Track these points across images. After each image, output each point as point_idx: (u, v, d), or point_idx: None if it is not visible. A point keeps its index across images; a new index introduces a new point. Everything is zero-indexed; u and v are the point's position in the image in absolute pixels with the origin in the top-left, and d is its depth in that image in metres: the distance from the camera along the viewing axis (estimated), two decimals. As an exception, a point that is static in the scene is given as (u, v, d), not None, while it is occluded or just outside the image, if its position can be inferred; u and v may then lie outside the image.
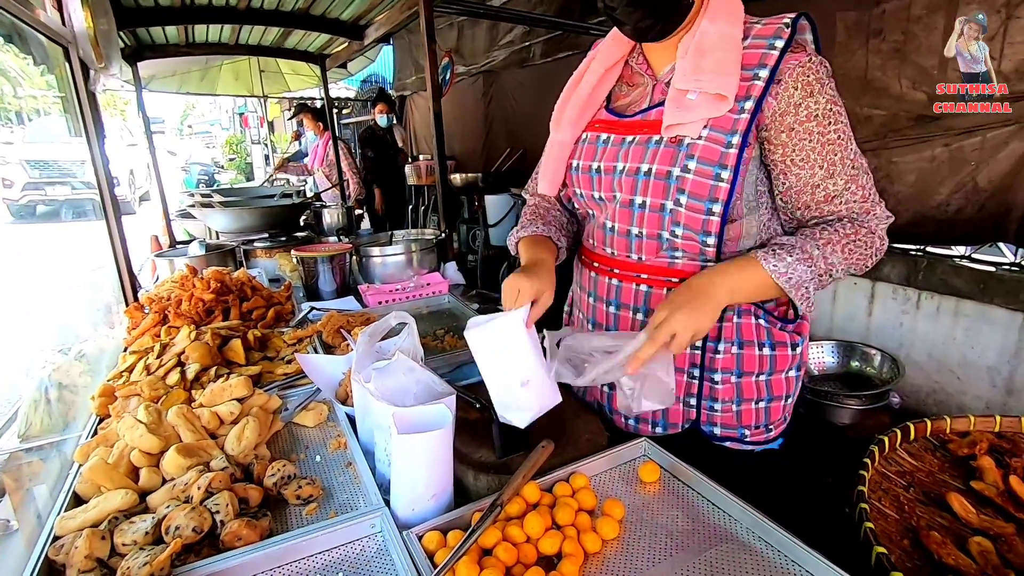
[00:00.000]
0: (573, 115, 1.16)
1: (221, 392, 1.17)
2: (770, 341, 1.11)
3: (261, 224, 2.95)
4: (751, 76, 0.96)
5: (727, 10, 0.99)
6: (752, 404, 1.13)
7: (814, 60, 0.95)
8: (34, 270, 6.50)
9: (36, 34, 1.58)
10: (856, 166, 0.98)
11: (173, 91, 6.38)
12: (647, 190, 1.03)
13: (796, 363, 1.14)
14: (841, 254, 0.97)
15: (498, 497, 0.85)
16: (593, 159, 1.12)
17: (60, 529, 0.87)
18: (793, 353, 1.13)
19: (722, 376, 1.10)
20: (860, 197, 0.98)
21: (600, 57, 1.14)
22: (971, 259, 2.09)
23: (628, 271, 1.12)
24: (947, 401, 2.17)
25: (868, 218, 0.99)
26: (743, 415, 1.13)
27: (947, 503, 0.96)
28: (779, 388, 1.13)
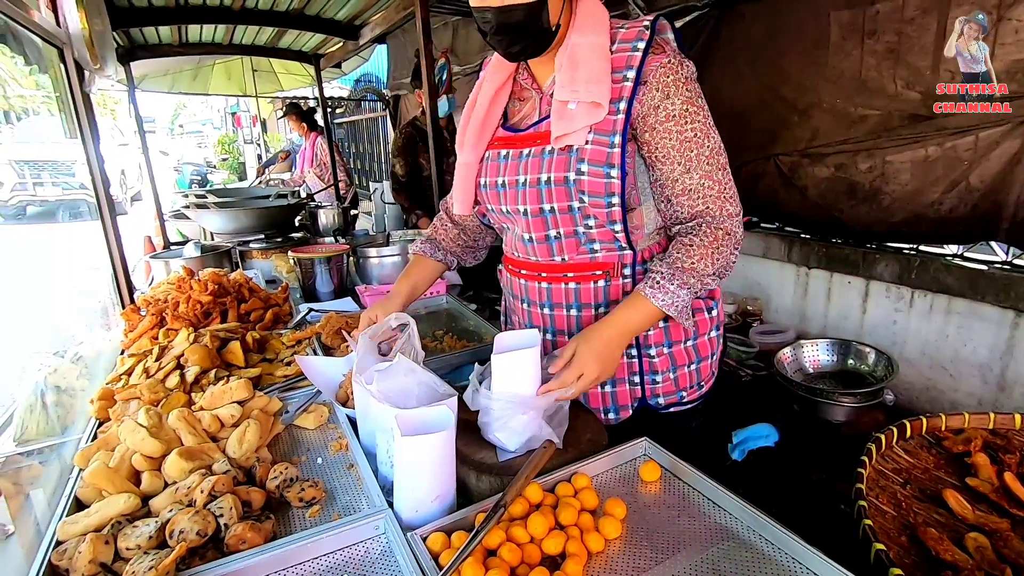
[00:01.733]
0: (473, 137, 1.22)
1: (222, 395, 1.17)
2: (696, 308, 1.22)
3: (256, 225, 2.94)
4: (621, 78, 1.04)
5: (593, 21, 1.07)
6: (685, 368, 1.24)
7: (673, 61, 1.04)
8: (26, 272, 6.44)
9: (30, 35, 1.56)
10: (711, 163, 1.06)
11: (165, 91, 6.34)
12: (551, 196, 1.12)
13: (715, 324, 1.27)
14: (711, 264, 1.07)
15: (502, 498, 0.86)
16: (497, 175, 1.20)
17: (63, 534, 0.87)
18: (710, 316, 1.25)
19: (656, 349, 1.21)
20: (716, 193, 1.07)
21: (490, 78, 1.20)
22: (963, 257, 2.11)
23: (555, 272, 1.20)
24: (940, 398, 2.19)
25: (723, 217, 1.07)
26: (680, 380, 1.25)
27: (943, 500, 0.97)
28: (704, 349, 1.26)
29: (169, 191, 8.76)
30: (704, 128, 1.06)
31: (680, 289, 1.06)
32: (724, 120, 2.74)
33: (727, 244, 1.08)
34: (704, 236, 1.07)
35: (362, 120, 8.65)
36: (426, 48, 2.28)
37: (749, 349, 2.44)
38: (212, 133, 22.84)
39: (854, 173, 2.24)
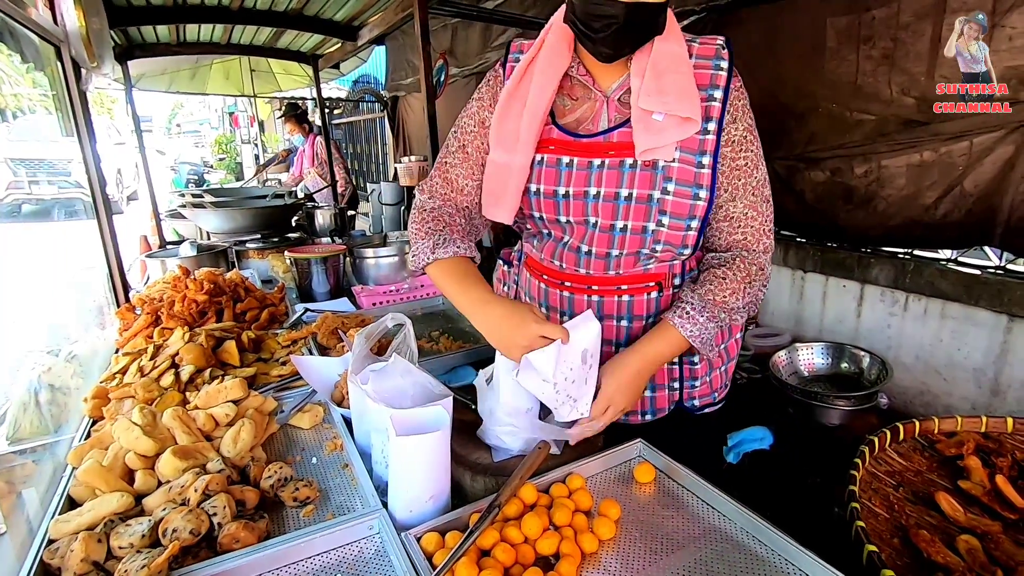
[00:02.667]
0: (530, 136, 1.07)
1: (216, 394, 1.17)
2: None
3: (253, 225, 2.94)
4: (707, 97, 1.01)
5: (673, 29, 1.01)
6: (719, 371, 1.26)
7: (741, 85, 1.04)
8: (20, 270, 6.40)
9: (27, 33, 1.56)
10: (757, 194, 1.06)
11: (162, 90, 6.31)
12: (628, 214, 1.05)
13: (738, 331, 1.29)
14: (741, 299, 1.07)
15: (496, 498, 0.86)
16: (556, 183, 1.08)
17: (55, 532, 0.86)
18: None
19: (698, 356, 1.19)
20: (757, 225, 1.07)
21: (545, 70, 1.06)
22: (957, 262, 2.12)
23: (607, 285, 1.14)
24: (934, 402, 2.20)
25: (758, 252, 1.08)
26: (714, 381, 1.26)
27: (936, 502, 0.98)
28: (733, 350, 1.29)
29: (166, 190, 8.73)
30: (755, 158, 1.05)
31: (709, 322, 1.05)
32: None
33: (759, 279, 1.08)
34: (738, 271, 1.06)
35: (360, 121, 8.65)
36: (424, 50, 2.28)
37: (744, 352, 2.44)
38: (209, 133, 22.77)
39: (850, 178, 2.25)
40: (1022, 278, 1.92)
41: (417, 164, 5.40)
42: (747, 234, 1.07)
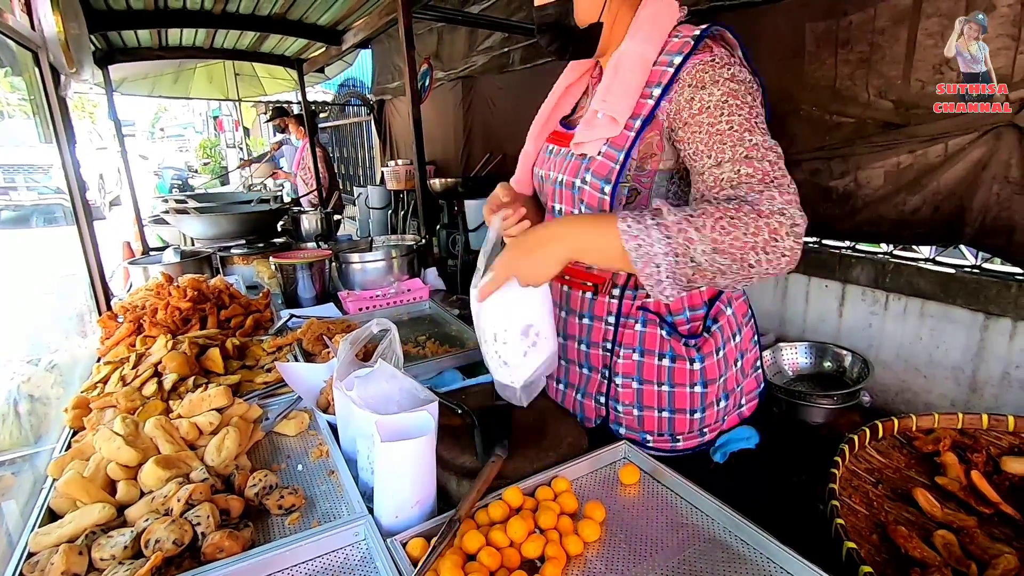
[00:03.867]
0: (536, 129, 1.28)
1: (200, 402, 1.16)
2: (671, 353, 1.12)
3: (238, 230, 2.92)
4: (648, 94, 1.01)
5: (650, 28, 1.02)
6: (655, 412, 1.15)
7: (716, 60, 0.95)
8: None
9: (3, 38, 1.54)
10: (752, 154, 0.88)
11: (145, 94, 6.24)
12: (562, 198, 1.16)
13: (699, 379, 1.13)
14: (711, 231, 0.83)
15: (455, 513, 0.86)
16: (543, 167, 1.24)
17: (35, 545, 0.85)
18: (692, 368, 1.12)
19: (623, 380, 1.15)
20: (757, 179, 0.87)
21: (565, 73, 1.25)
22: (934, 262, 2.16)
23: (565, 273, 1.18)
24: (914, 400, 2.24)
25: (760, 199, 0.84)
26: (645, 420, 1.16)
27: (914, 498, 1.00)
28: (683, 401, 1.14)
29: (149, 196, 8.63)
30: (745, 123, 0.90)
31: (655, 230, 0.84)
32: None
33: (750, 224, 0.82)
34: (726, 203, 0.85)
35: (347, 125, 8.62)
36: (409, 54, 2.29)
37: (730, 352, 2.47)
38: (194, 137, 22.56)
39: (829, 179, 2.29)
40: (997, 277, 1.96)
41: (404, 168, 5.40)
42: (744, 190, 0.87)
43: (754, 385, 1.26)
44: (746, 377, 1.23)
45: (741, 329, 1.19)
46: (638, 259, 0.86)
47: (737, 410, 1.23)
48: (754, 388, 1.26)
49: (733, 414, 1.22)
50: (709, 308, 1.14)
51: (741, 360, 1.20)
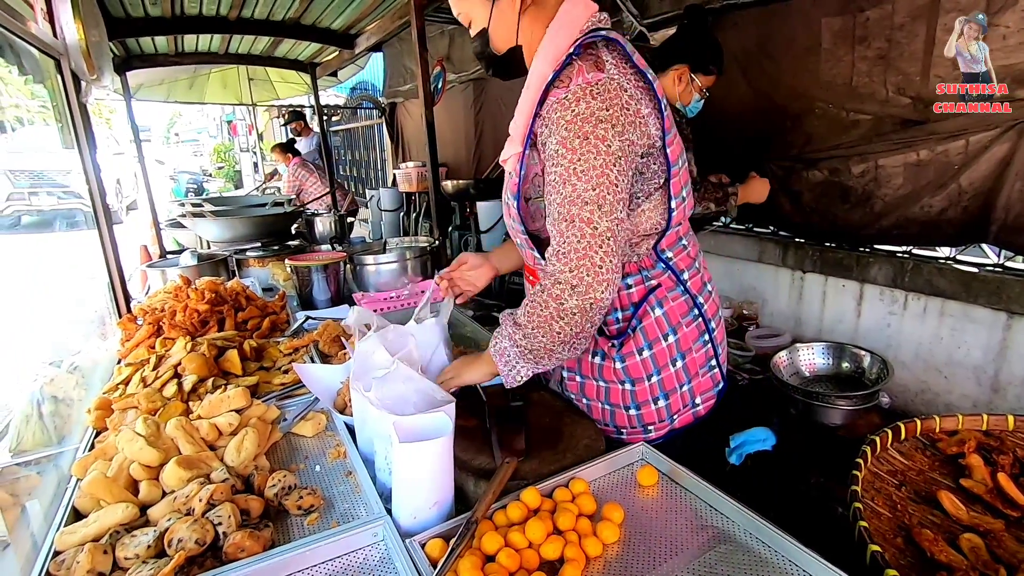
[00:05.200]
0: None
1: (219, 403, 1.17)
2: (601, 351, 1.19)
3: (253, 233, 2.95)
4: (533, 113, 1.04)
5: (549, 48, 1.04)
6: (598, 403, 1.24)
7: (569, 97, 0.96)
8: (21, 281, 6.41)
9: (27, 46, 1.57)
10: (558, 212, 0.98)
11: (161, 99, 6.34)
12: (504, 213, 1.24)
13: (624, 377, 1.18)
14: (524, 321, 1.04)
15: (472, 514, 0.86)
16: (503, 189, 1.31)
17: (60, 544, 0.86)
18: (615, 367, 1.17)
19: (568, 373, 1.27)
20: (555, 245, 1.00)
21: None
22: (955, 260, 2.13)
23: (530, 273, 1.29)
24: (934, 400, 2.20)
25: (549, 273, 1.00)
26: (592, 410, 1.25)
27: (938, 501, 0.98)
28: (616, 397, 1.20)
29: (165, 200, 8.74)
30: (565, 174, 0.96)
31: (506, 339, 1.09)
32: (717, 127, 2.74)
33: (541, 301, 1.00)
34: (536, 292, 1.02)
35: (358, 128, 8.67)
36: (422, 57, 2.30)
37: (745, 353, 2.45)
38: (208, 142, 22.84)
39: (847, 177, 2.26)
40: (1020, 275, 1.92)
41: (416, 170, 5.42)
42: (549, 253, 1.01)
43: (709, 385, 1.25)
44: (693, 378, 1.22)
45: (677, 330, 1.18)
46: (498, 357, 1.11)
47: (692, 409, 1.24)
48: (709, 388, 1.25)
49: (686, 413, 1.23)
50: (636, 310, 1.17)
51: (682, 361, 1.19)
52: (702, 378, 1.24)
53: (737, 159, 2.57)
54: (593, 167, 0.95)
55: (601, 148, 0.95)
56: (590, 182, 0.95)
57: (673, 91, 2.15)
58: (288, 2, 2.76)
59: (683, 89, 2.14)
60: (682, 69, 2.12)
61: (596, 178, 0.95)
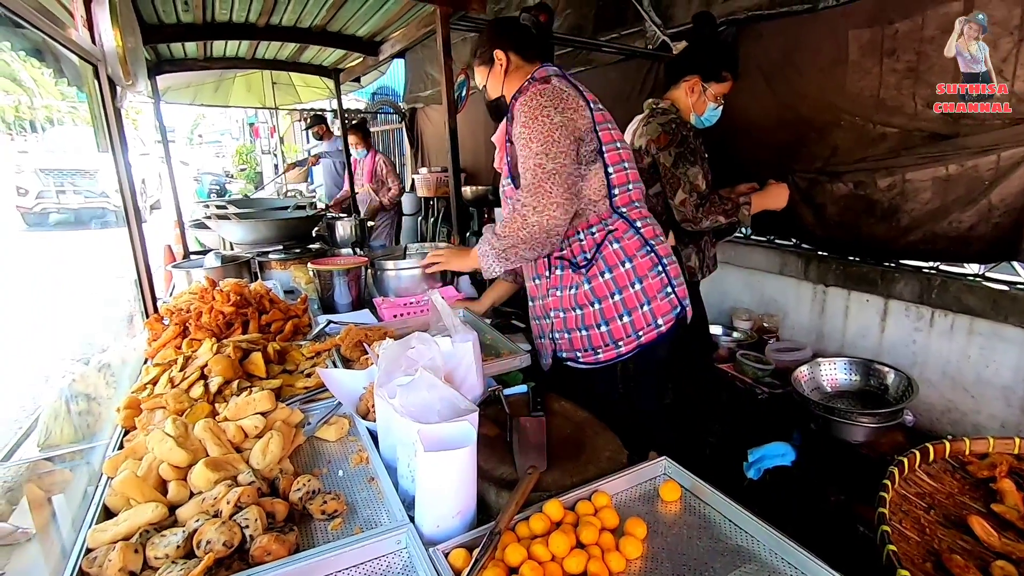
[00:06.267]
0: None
1: (245, 406, 1.19)
2: (572, 284, 1.56)
3: (275, 236, 2.98)
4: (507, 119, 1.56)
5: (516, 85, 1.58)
6: (577, 332, 1.59)
7: (527, 97, 1.44)
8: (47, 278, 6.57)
9: (67, 52, 1.62)
10: (526, 165, 1.43)
11: (187, 102, 6.46)
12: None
13: (592, 297, 1.54)
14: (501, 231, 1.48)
15: (496, 525, 0.86)
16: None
17: (92, 542, 0.88)
18: (584, 290, 1.54)
19: (554, 314, 1.62)
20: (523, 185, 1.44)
21: None
22: (984, 278, 2.09)
23: None
24: (961, 420, 2.16)
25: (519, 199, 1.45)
26: (573, 341, 1.60)
27: (968, 526, 0.96)
28: (589, 319, 1.56)
29: (189, 200, 8.91)
30: (526, 140, 1.42)
31: (486, 244, 1.52)
32: (740, 137, 2.73)
33: (514, 221, 1.44)
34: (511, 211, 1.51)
35: (378, 132, 8.76)
36: (446, 65, 2.32)
37: (765, 366, 2.42)
38: (230, 143, 23.24)
39: (873, 191, 2.23)
40: (1053, 294, 1.88)
41: (434, 175, 5.45)
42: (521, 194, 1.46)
43: (668, 308, 1.57)
44: (653, 300, 1.55)
45: (633, 259, 1.53)
46: (480, 256, 1.55)
47: (655, 328, 1.55)
48: (668, 311, 1.57)
49: (650, 331, 1.55)
50: (598, 248, 1.54)
51: (640, 284, 1.53)
52: (660, 301, 1.55)
53: (760, 170, 2.55)
54: (541, 133, 1.41)
55: (546, 122, 1.41)
56: (540, 143, 1.41)
57: (687, 102, 2.15)
58: (316, 10, 2.80)
59: (696, 99, 2.13)
60: (693, 80, 2.11)
61: (544, 138, 1.40)
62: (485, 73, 1.66)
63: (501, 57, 1.61)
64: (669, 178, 2.04)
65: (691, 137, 2.07)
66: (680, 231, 2.18)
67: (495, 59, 1.61)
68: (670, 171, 2.03)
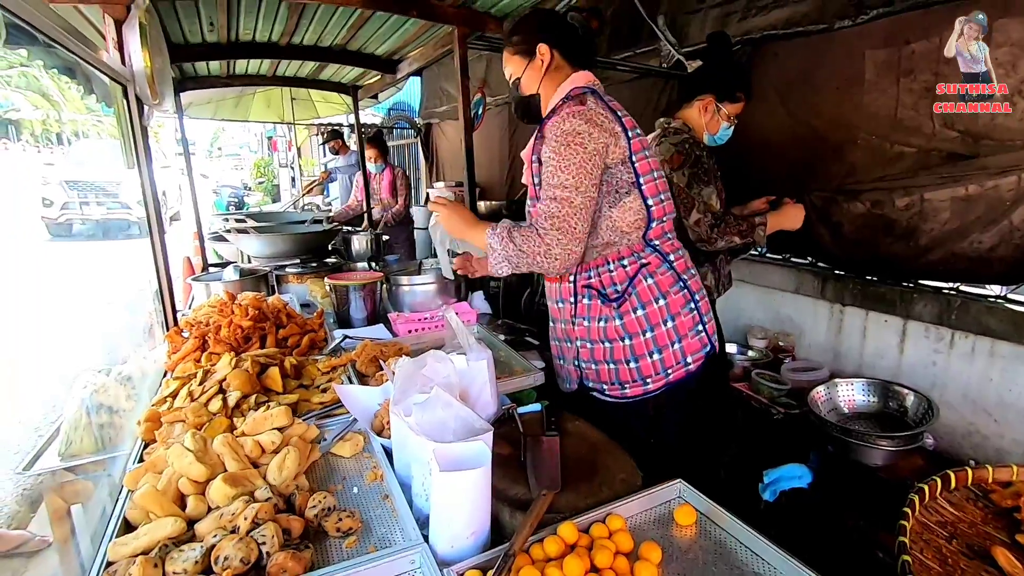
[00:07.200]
0: None
1: (263, 421, 1.21)
2: (603, 316, 1.50)
3: (293, 250, 3.03)
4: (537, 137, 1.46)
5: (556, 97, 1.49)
6: (604, 365, 1.53)
7: (557, 119, 1.37)
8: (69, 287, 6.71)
9: (99, 74, 1.67)
10: (548, 194, 1.37)
11: (208, 117, 6.62)
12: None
13: (624, 333, 1.48)
14: (519, 242, 1.39)
15: (510, 547, 0.86)
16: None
17: (113, 555, 0.90)
18: (616, 325, 1.49)
19: (581, 343, 1.56)
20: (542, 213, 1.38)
21: None
22: (1006, 299, 2.05)
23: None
24: (983, 444, 2.11)
25: (539, 227, 1.38)
26: (600, 373, 1.55)
27: (992, 557, 0.94)
28: (618, 353, 1.50)
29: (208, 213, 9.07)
30: (554, 169, 1.36)
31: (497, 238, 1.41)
32: (756, 155, 2.73)
33: (534, 241, 1.37)
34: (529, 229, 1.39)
35: (393, 147, 8.87)
36: (463, 84, 2.36)
37: (781, 386, 2.39)
38: (249, 156, 23.65)
39: (891, 210, 2.21)
40: (1077, 317, 1.84)
41: (449, 190, 5.50)
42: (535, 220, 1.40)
43: (698, 346, 1.52)
44: (684, 338, 1.50)
45: (666, 296, 1.49)
46: (489, 250, 1.43)
47: (684, 367, 1.51)
48: (699, 349, 1.52)
49: (679, 369, 1.50)
50: (632, 281, 1.48)
51: (672, 321, 1.49)
52: (691, 339, 1.51)
53: (776, 189, 2.54)
54: (574, 163, 1.35)
55: (579, 151, 1.35)
56: (571, 174, 1.35)
57: (699, 122, 2.15)
58: (336, 29, 2.87)
59: (709, 119, 2.14)
60: (707, 99, 2.12)
61: (576, 170, 1.35)
62: (522, 65, 1.53)
63: (545, 52, 1.49)
64: (683, 198, 2.05)
65: (704, 157, 2.07)
66: (695, 251, 2.18)
67: (537, 53, 1.49)
68: (684, 191, 2.04)
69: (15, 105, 17.51)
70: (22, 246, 9.68)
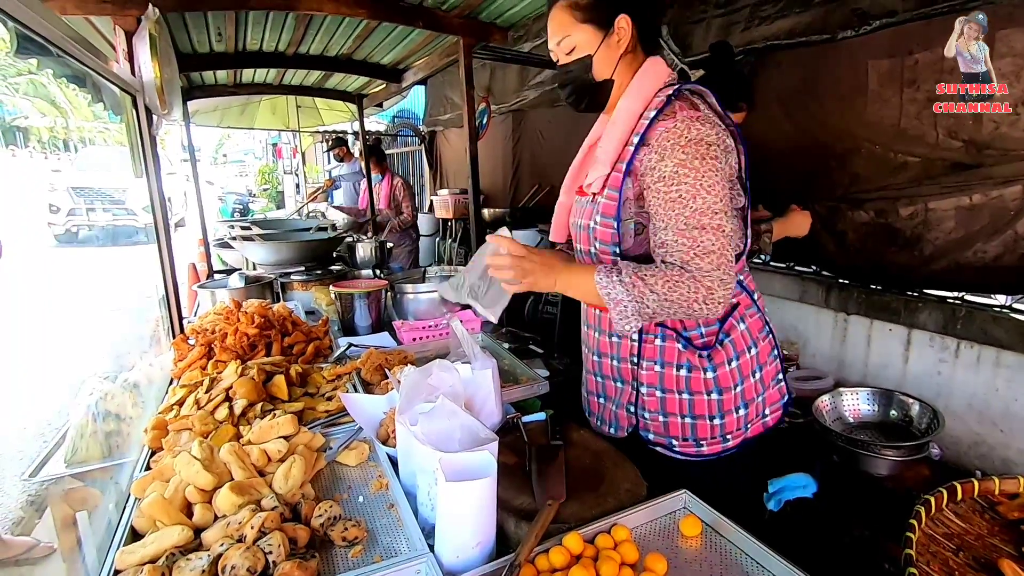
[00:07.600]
0: (567, 182, 1.42)
1: (269, 429, 1.21)
2: (688, 364, 1.27)
3: (297, 257, 3.05)
4: (631, 141, 1.18)
5: (640, 86, 1.21)
6: (679, 418, 1.30)
7: (679, 126, 1.12)
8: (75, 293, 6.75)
9: (108, 84, 1.69)
10: (689, 223, 1.11)
11: (214, 125, 6.68)
12: (581, 239, 1.34)
13: (713, 387, 1.27)
14: (663, 290, 1.11)
15: (515, 558, 0.86)
16: (574, 216, 1.40)
17: (120, 563, 0.90)
18: (706, 377, 1.27)
19: (647, 389, 1.31)
20: (686, 250, 1.12)
21: (592, 131, 1.39)
22: (1012, 309, 2.05)
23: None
24: (989, 454, 2.10)
25: (698, 266, 1.11)
26: (670, 426, 1.31)
27: (999, 569, 0.94)
28: (701, 408, 1.28)
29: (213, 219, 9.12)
30: (692, 189, 1.11)
31: (621, 286, 1.13)
32: (759, 164, 2.75)
33: (690, 285, 1.11)
34: (671, 269, 1.14)
35: (396, 154, 8.92)
36: (468, 94, 2.37)
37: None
38: (253, 163, 23.80)
39: (895, 219, 2.21)
40: (1083, 327, 1.84)
41: (452, 197, 5.53)
42: (676, 258, 1.14)
43: (777, 397, 1.38)
44: (767, 389, 1.34)
45: (757, 343, 1.32)
46: (609, 302, 1.15)
47: (761, 420, 1.35)
48: (777, 400, 1.38)
49: (757, 423, 1.34)
50: (722, 324, 1.28)
51: (760, 372, 1.32)
52: (772, 390, 1.36)
53: (779, 197, 2.55)
54: (715, 182, 1.12)
55: (716, 167, 1.12)
56: (715, 194, 1.11)
57: None
58: (342, 40, 2.90)
59: None
60: None
61: (720, 191, 1.12)
62: (595, 40, 1.19)
63: (625, 28, 1.19)
64: None
65: None
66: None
67: (616, 27, 1.18)
68: None
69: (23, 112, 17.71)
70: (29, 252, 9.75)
